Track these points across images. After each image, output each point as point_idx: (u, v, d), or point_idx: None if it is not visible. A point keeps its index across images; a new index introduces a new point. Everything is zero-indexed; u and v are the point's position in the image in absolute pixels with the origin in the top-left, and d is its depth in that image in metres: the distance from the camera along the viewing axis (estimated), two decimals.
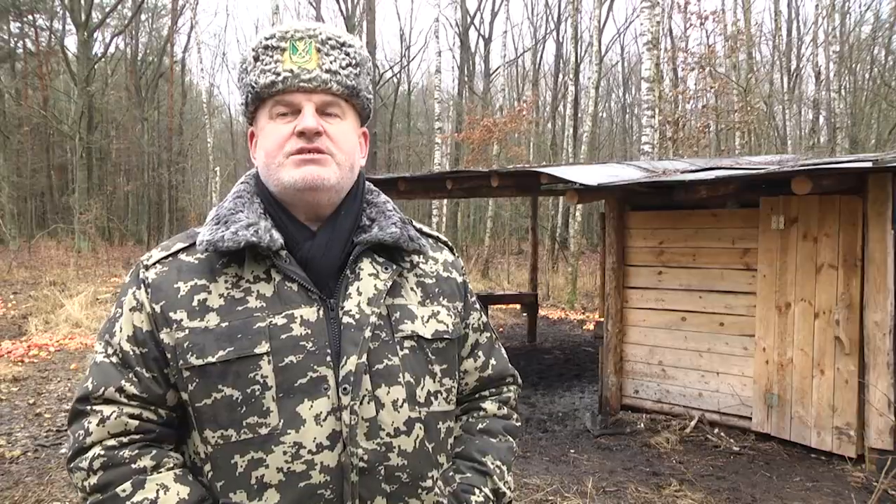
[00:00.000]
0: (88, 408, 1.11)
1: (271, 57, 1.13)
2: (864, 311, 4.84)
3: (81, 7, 25.84)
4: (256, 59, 1.14)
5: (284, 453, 1.06)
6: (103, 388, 1.11)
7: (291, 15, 33.24)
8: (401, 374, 1.14)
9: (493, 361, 1.39)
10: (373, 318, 1.13)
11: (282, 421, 1.06)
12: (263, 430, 1.06)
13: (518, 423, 1.42)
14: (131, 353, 1.12)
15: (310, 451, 1.06)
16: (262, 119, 1.17)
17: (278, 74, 1.12)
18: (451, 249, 1.37)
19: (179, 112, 33.66)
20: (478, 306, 1.38)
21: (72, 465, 1.10)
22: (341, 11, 29.28)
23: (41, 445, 5.19)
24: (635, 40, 31.20)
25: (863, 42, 21.82)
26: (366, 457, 1.08)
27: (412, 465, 1.13)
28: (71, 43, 29.75)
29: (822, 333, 5.04)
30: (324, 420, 1.07)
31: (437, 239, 1.36)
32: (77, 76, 26.23)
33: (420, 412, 1.16)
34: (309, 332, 1.10)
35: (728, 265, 5.65)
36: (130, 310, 1.14)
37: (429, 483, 1.16)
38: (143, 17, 32.32)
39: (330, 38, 1.15)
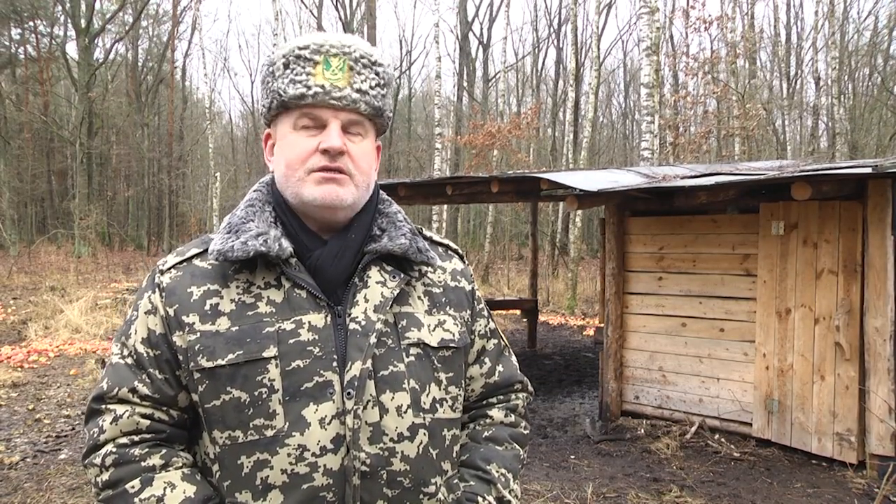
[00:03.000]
0: (103, 406, 1.15)
1: (303, 68, 1.14)
2: (865, 316, 4.84)
3: (82, 13, 25.93)
4: (286, 66, 1.15)
5: (289, 455, 1.08)
6: (117, 388, 1.15)
7: (293, 22, 33.35)
8: (406, 381, 1.15)
9: (500, 368, 1.38)
10: (378, 325, 1.15)
11: (287, 423, 1.08)
12: (269, 432, 1.08)
13: (526, 431, 1.41)
14: (145, 354, 1.16)
15: (313, 454, 1.08)
16: (284, 127, 1.18)
17: (309, 88, 1.13)
18: (461, 258, 1.38)
19: (180, 117, 33.73)
20: (485, 313, 1.38)
21: (86, 461, 1.14)
22: (341, 18, 29.39)
23: (40, 451, 5.17)
24: (637, 45, 31.26)
25: (862, 48, 21.88)
26: (368, 461, 1.10)
27: (415, 471, 1.14)
28: (72, 49, 29.84)
29: (823, 339, 5.04)
30: (328, 424, 1.09)
31: (447, 247, 1.37)
32: (78, 82, 26.31)
33: (424, 418, 1.17)
34: (316, 337, 1.12)
35: (728, 271, 5.65)
36: (145, 313, 1.18)
37: (431, 489, 1.16)
38: (144, 23, 32.42)
39: (363, 57, 1.16)
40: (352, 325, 1.14)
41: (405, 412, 1.14)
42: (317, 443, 1.08)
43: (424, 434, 1.16)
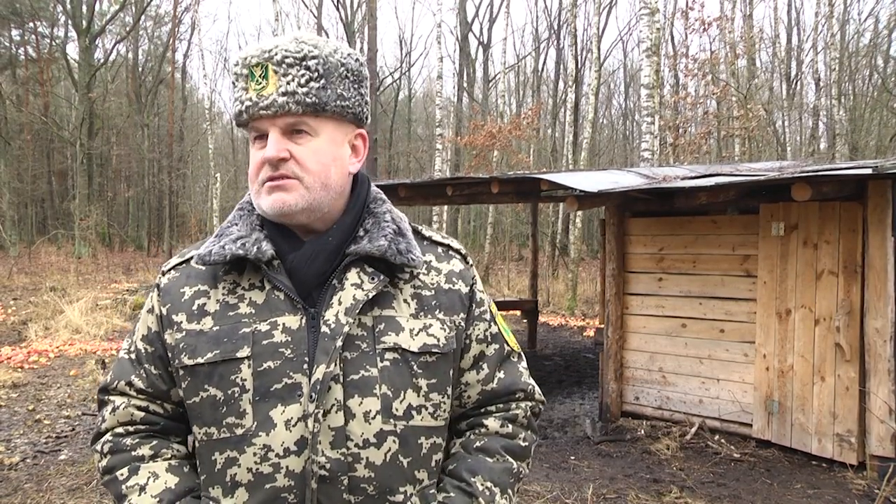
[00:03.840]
0: (106, 397, 1.26)
1: (239, 85, 1.16)
2: (865, 317, 4.84)
3: (83, 14, 25.95)
4: (234, 85, 1.17)
5: (255, 454, 1.10)
6: (118, 381, 1.24)
7: (291, 23, 33.36)
8: (377, 386, 1.13)
9: (500, 375, 1.31)
10: (346, 328, 1.13)
11: (255, 423, 1.10)
12: (239, 431, 1.11)
13: (525, 444, 1.32)
14: (143, 350, 1.23)
15: (277, 455, 1.09)
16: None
17: (242, 104, 1.14)
18: (463, 258, 1.32)
19: (180, 118, 33.72)
20: (487, 317, 1.31)
21: (92, 446, 1.25)
22: (341, 18, 29.42)
23: (40, 452, 5.17)
24: (637, 46, 31.25)
25: (863, 48, 21.88)
26: (328, 465, 1.09)
27: (380, 479, 1.12)
28: (72, 49, 29.86)
29: (823, 340, 5.04)
30: (293, 426, 1.10)
31: (447, 248, 1.31)
32: (78, 82, 26.31)
33: (395, 425, 1.14)
34: (289, 339, 1.13)
35: (728, 272, 5.65)
36: (147, 311, 1.26)
37: (399, 498, 1.14)
38: (144, 23, 32.42)
39: (287, 56, 1.12)
40: (323, 328, 1.13)
41: (373, 418, 1.12)
42: (281, 444, 1.09)
43: (394, 441, 1.13)
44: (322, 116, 1.15)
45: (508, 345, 1.35)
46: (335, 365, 1.11)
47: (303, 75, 1.13)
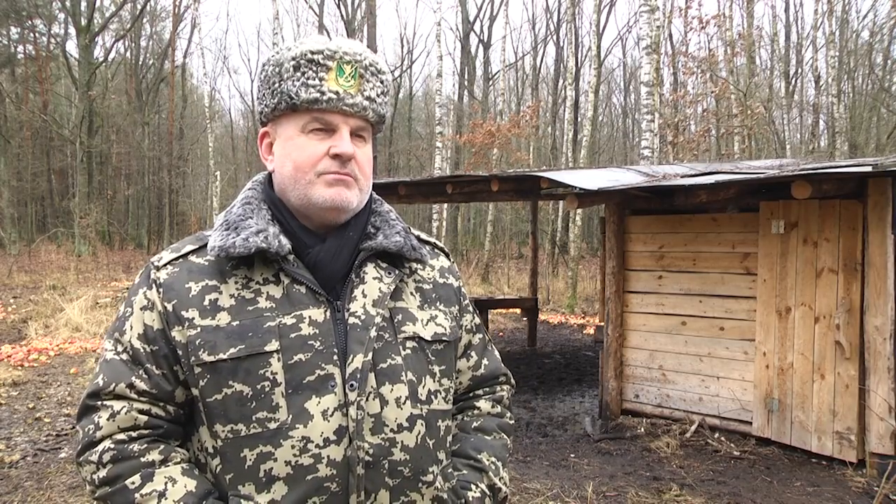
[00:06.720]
0: (99, 403, 1.15)
1: (315, 73, 1.16)
2: (865, 315, 4.84)
3: (83, 12, 25.92)
4: (297, 68, 1.17)
5: (293, 447, 1.10)
6: (114, 384, 1.15)
7: (291, 20, 33.30)
8: (403, 373, 1.19)
9: (485, 361, 1.44)
10: (377, 319, 1.19)
11: (290, 416, 1.11)
12: (272, 425, 1.11)
13: (512, 421, 1.47)
14: (142, 350, 1.16)
15: (317, 446, 1.10)
16: (291, 129, 1.20)
17: (323, 93, 1.16)
18: (447, 255, 1.43)
19: (180, 116, 33.69)
20: (471, 309, 1.44)
21: (81, 458, 1.14)
22: (342, 16, 29.39)
23: (41, 450, 5.17)
24: (636, 44, 31.20)
25: (862, 46, 21.86)
26: (371, 451, 1.13)
27: (414, 460, 1.17)
28: (72, 47, 29.82)
29: (823, 338, 5.04)
30: (331, 416, 1.12)
31: (433, 245, 1.42)
32: (78, 80, 26.28)
33: (422, 409, 1.20)
34: (317, 331, 1.15)
35: (728, 269, 5.65)
36: (141, 309, 1.18)
37: (429, 478, 1.20)
38: (144, 20, 32.37)
39: (371, 65, 1.21)
40: (351, 320, 1.17)
41: (404, 403, 1.17)
42: (320, 434, 1.10)
43: (422, 424, 1.20)
44: (376, 128, 1.26)
45: (486, 334, 1.49)
46: (371, 354, 1.16)
47: (379, 87, 1.23)
